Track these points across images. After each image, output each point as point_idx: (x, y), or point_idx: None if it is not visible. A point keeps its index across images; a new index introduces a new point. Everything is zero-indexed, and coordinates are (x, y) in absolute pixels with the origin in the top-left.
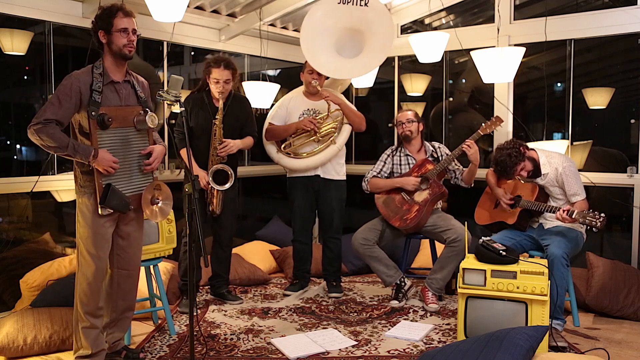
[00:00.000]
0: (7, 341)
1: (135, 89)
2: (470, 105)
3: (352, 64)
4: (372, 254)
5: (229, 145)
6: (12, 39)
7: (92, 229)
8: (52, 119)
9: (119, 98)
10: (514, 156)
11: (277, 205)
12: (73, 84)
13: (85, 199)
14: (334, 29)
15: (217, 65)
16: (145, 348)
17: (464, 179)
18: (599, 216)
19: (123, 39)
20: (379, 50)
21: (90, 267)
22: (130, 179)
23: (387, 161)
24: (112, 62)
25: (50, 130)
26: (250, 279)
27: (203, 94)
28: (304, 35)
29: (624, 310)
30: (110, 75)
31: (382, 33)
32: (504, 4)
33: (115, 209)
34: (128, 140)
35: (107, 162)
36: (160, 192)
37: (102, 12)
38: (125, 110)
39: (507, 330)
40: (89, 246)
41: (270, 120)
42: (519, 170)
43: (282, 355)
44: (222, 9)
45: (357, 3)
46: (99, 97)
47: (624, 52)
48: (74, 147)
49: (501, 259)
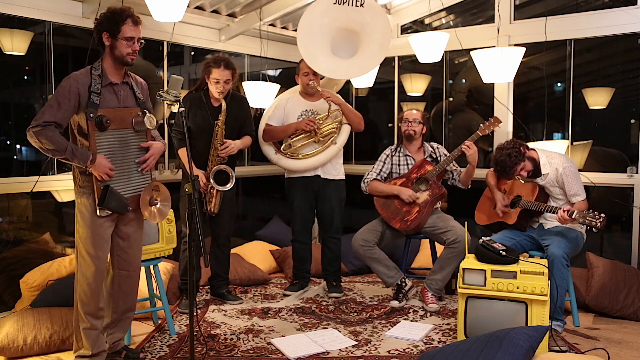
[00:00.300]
0: (7, 341)
1: (134, 90)
2: (469, 105)
3: (348, 64)
4: (372, 255)
5: (230, 146)
6: (12, 39)
7: (91, 229)
8: (51, 121)
9: (118, 99)
10: (514, 156)
11: (277, 205)
12: (72, 86)
13: (84, 199)
14: (329, 29)
15: (217, 65)
16: (145, 348)
17: (461, 180)
18: (599, 216)
19: (128, 48)
20: (376, 51)
21: (90, 268)
22: (128, 180)
23: (387, 161)
24: (112, 64)
25: (49, 133)
26: (250, 279)
27: (201, 94)
28: (301, 35)
29: (624, 310)
30: (108, 77)
31: (379, 34)
32: (504, 4)
33: (113, 210)
34: (126, 141)
35: (103, 168)
36: (158, 193)
37: (111, 14)
38: (124, 112)
39: (507, 330)
40: (88, 247)
41: (267, 121)
42: (518, 170)
43: (282, 355)
44: (222, 9)
45: (352, 4)
46: (97, 99)
47: (624, 52)
48: (72, 151)
49: (501, 259)
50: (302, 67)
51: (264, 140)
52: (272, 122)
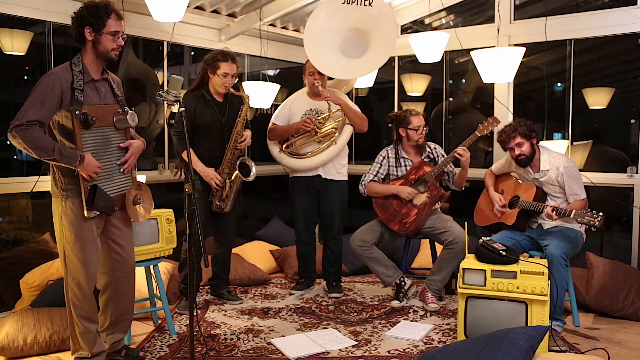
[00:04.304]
0: (7, 341)
1: (112, 87)
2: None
3: (357, 64)
4: (370, 255)
5: (248, 138)
6: (12, 39)
7: (79, 232)
8: (34, 119)
9: (99, 96)
10: (521, 128)
11: (277, 205)
12: (55, 82)
13: (69, 202)
14: (339, 31)
15: (225, 59)
16: (145, 348)
17: (454, 182)
18: (597, 215)
19: (112, 43)
20: (383, 48)
21: (80, 272)
22: (111, 178)
23: (383, 163)
24: (93, 60)
25: (35, 133)
26: (250, 279)
27: (203, 91)
28: (308, 36)
29: (624, 310)
30: (90, 73)
31: (386, 31)
32: (504, 4)
33: (102, 210)
34: (108, 139)
35: (92, 167)
36: (141, 191)
37: (93, 8)
38: (105, 109)
39: (507, 330)
40: (77, 251)
41: (274, 120)
42: (516, 141)
43: (282, 355)
44: (222, 9)
45: (361, 3)
46: (81, 96)
47: (624, 52)
48: (60, 151)
49: (501, 259)
50: (307, 67)
51: (269, 139)
52: (277, 121)
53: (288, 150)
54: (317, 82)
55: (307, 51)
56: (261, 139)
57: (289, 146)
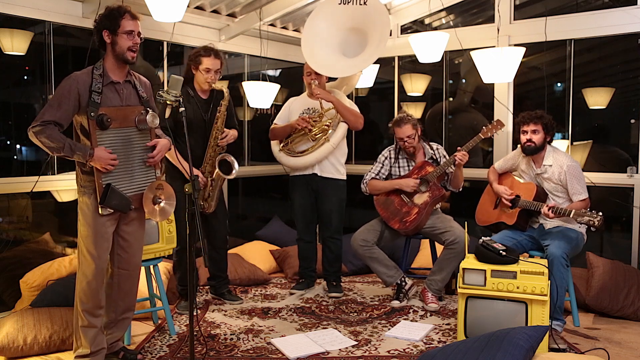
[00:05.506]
0: (7, 341)
1: (137, 89)
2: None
3: (352, 62)
4: (371, 255)
5: (229, 134)
6: (12, 39)
7: (93, 228)
8: (50, 120)
9: (120, 98)
10: (545, 119)
11: (277, 205)
12: (71, 86)
13: (85, 198)
14: (336, 32)
15: (207, 54)
16: (145, 348)
17: (451, 183)
18: (597, 215)
19: (128, 42)
20: (377, 45)
21: (90, 267)
22: (131, 178)
23: (385, 163)
24: (113, 63)
25: (48, 132)
26: (250, 279)
27: (187, 88)
28: (305, 38)
29: (624, 310)
30: (110, 76)
31: (379, 28)
32: (504, 4)
33: (115, 208)
34: (130, 140)
35: (104, 160)
36: (162, 191)
37: (108, 12)
38: (126, 110)
39: (507, 330)
40: (89, 245)
41: (275, 120)
42: (535, 127)
43: (282, 355)
44: (222, 9)
45: (357, 2)
46: (98, 98)
47: (624, 52)
48: (70, 147)
49: (501, 259)
50: (305, 68)
51: (270, 139)
52: (278, 121)
53: (286, 149)
54: (313, 82)
55: (303, 52)
56: (261, 139)
57: (286, 145)
